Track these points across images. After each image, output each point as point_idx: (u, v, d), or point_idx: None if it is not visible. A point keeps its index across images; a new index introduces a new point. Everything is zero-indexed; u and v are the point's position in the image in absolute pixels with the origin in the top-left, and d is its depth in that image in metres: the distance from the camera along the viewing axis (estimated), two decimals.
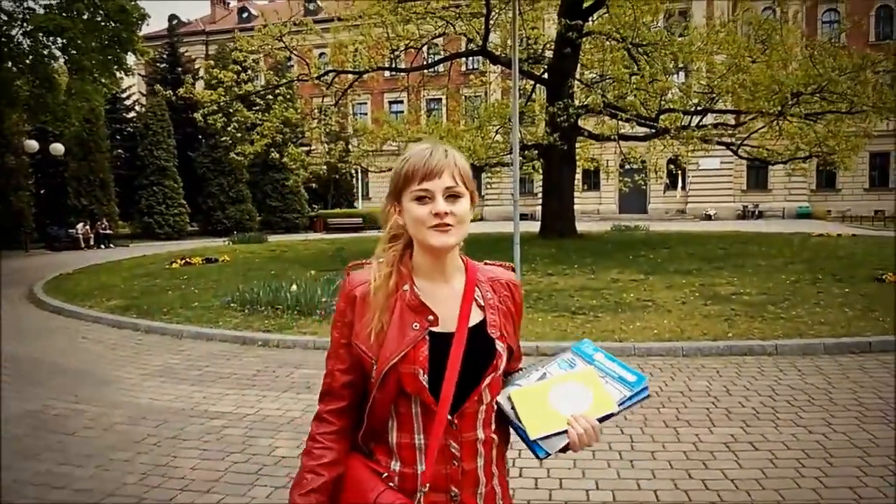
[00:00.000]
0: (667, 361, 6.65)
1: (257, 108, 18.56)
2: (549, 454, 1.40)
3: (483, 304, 1.49)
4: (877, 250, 15.35)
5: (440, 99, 36.23)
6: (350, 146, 23.09)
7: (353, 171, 32.57)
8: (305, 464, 1.45)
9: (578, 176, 23.11)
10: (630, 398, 1.45)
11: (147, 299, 10.96)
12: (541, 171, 19.00)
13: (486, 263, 1.61)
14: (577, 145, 20.14)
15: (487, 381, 1.44)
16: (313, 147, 25.22)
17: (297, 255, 18.12)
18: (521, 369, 1.60)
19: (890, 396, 5.38)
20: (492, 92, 28.33)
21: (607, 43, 17.98)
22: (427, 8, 18.73)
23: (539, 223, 20.43)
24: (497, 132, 20.41)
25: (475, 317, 1.47)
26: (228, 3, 53.80)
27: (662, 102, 17.59)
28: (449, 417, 1.39)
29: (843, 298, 9.15)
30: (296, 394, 5.90)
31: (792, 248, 16.00)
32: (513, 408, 1.45)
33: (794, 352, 6.83)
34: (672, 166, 26.64)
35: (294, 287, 9.59)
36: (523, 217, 9.78)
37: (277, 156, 18.53)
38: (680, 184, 38.20)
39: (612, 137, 18.36)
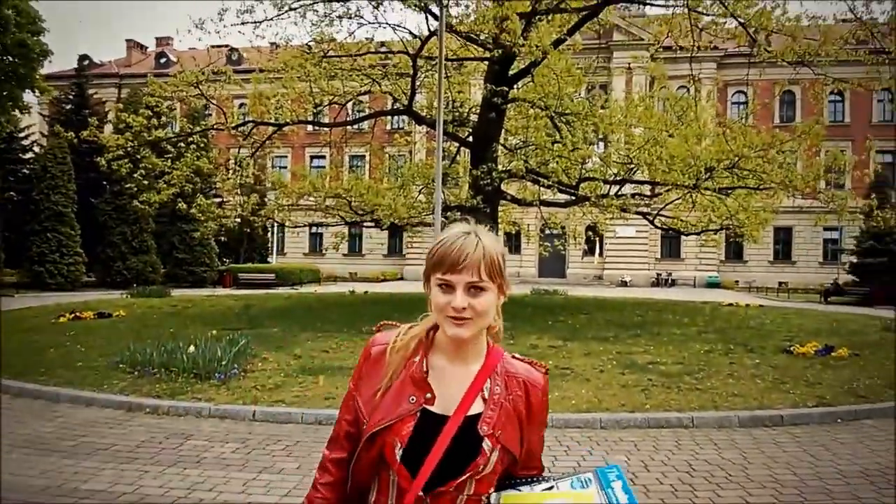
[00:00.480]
0: (585, 434, 6.41)
1: (168, 155, 17.74)
2: None
3: (487, 397, 1.47)
4: (783, 321, 15.98)
5: (363, 156, 36.15)
6: (266, 199, 22.45)
7: (267, 226, 31.66)
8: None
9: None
10: None
11: (23, 358, 9.80)
12: None
13: (514, 357, 1.57)
14: (500, 209, 20.24)
15: (466, 476, 1.41)
16: (226, 199, 24.39)
17: (201, 311, 17.09)
18: (534, 476, 1.54)
19: (804, 472, 5.36)
20: (416, 151, 28.49)
21: (531, 110, 18.32)
22: (353, 65, 18.64)
23: None
24: (420, 192, 20.27)
25: (476, 408, 1.46)
26: (146, 48, 52.50)
27: (583, 171, 17.95)
28: (421, 495, 1.39)
29: (754, 369, 9.27)
30: (182, 469, 5.18)
31: (704, 317, 16.35)
32: None
33: (710, 424, 6.81)
34: (591, 233, 27.24)
35: (192, 348, 8.79)
36: None
37: (185, 206, 17.64)
38: (597, 250, 39.14)
39: (535, 203, 18.51)
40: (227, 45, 33.23)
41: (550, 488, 1.47)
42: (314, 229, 40.99)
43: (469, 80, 22.08)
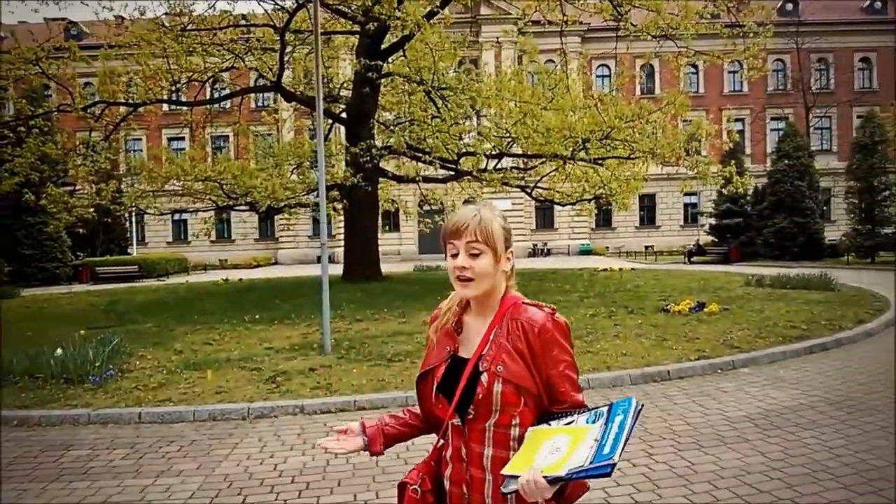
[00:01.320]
0: None
1: (6, 141, 15.80)
2: (505, 493, 1.59)
3: (492, 339, 1.73)
4: (655, 282, 16.97)
5: (227, 136, 34.41)
6: (123, 186, 20.79)
7: (126, 215, 29.35)
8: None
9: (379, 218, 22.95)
10: (585, 470, 1.45)
11: None
12: (341, 212, 18.43)
13: (525, 303, 1.77)
14: (379, 187, 19.95)
15: (480, 392, 1.68)
16: (79, 187, 22.32)
17: (60, 310, 15.61)
18: (566, 411, 1.69)
19: (696, 421, 5.65)
20: (286, 130, 27.41)
21: (407, 85, 18.09)
22: (214, 39, 17.50)
23: (340, 266, 19.77)
24: (293, 172, 19.54)
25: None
26: None
27: (462, 146, 18.01)
28: (458, 424, 1.74)
29: (637, 329, 9.69)
30: (67, 483, 4.63)
31: (584, 283, 17.01)
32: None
33: (605, 384, 7.06)
34: None
35: (59, 350, 7.93)
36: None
37: (33, 197, 15.87)
38: None
39: (416, 179, 18.38)
40: (65, 19, 30.26)
41: (571, 423, 1.62)
42: (177, 216, 38.63)
43: (338, 54, 21.47)
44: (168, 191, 18.89)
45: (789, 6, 42.43)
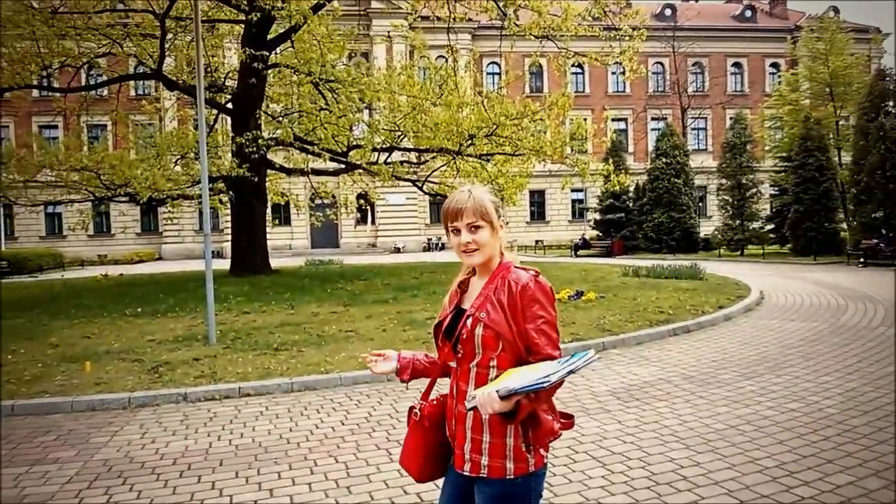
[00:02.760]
0: (373, 387, 6.65)
1: None
2: (467, 408, 1.91)
3: (484, 293, 2.03)
4: (541, 273, 17.65)
5: (105, 125, 32.66)
6: None
7: None
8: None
9: (269, 211, 22.55)
10: (526, 386, 1.74)
11: None
12: (228, 204, 18.03)
13: (517, 267, 2.06)
14: (267, 179, 19.63)
15: (464, 332, 2.00)
16: None
17: None
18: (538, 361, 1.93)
19: (564, 396, 6.07)
20: (168, 119, 26.34)
21: (294, 76, 17.91)
22: (88, 23, 16.62)
23: (229, 261, 19.33)
24: (176, 163, 18.90)
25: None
26: None
27: (352, 138, 18.03)
28: (454, 365, 2.08)
29: None
30: None
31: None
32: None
33: None
34: (362, 201, 27.48)
35: None
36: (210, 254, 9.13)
37: None
38: (370, 218, 39.78)
39: (304, 171, 18.25)
40: None
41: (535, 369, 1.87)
42: (51, 209, 36.29)
43: (223, 43, 20.94)
44: (40, 181, 17.81)
45: (668, 11, 45.14)
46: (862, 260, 21.25)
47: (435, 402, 2.15)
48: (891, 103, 23.12)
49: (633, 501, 3.76)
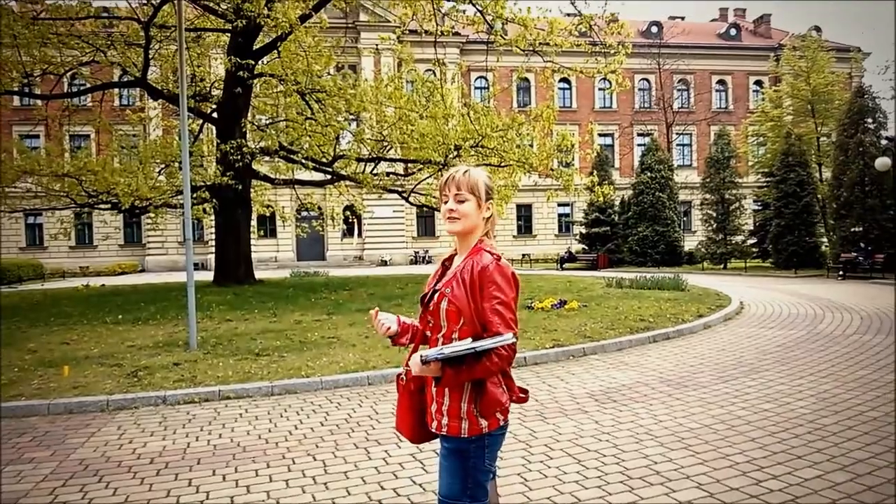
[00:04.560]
0: (354, 391, 6.67)
1: None
2: (405, 370, 2.27)
3: (455, 270, 2.23)
4: (525, 284, 17.60)
5: (88, 135, 32.50)
6: None
7: None
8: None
9: (254, 222, 22.50)
10: (432, 354, 2.04)
11: None
12: (212, 213, 17.98)
13: (487, 251, 2.20)
14: (252, 189, 19.61)
15: (432, 305, 2.24)
16: None
17: None
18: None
19: (544, 398, 6.16)
20: (152, 128, 26.28)
21: (280, 86, 17.97)
22: (71, 30, 16.60)
23: (212, 272, 19.22)
24: (160, 172, 18.85)
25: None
26: None
27: (337, 149, 18.07)
28: (428, 334, 2.30)
29: None
30: None
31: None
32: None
33: None
34: (349, 213, 27.41)
35: None
36: (194, 266, 9.10)
37: None
38: (356, 231, 39.70)
39: (290, 181, 18.25)
40: None
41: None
42: (31, 219, 35.93)
43: (209, 52, 20.98)
44: (20, 188, 17.69)
45: (654, 29, 45.74)
46: (841, 273, 21.55)
47: None
48: (869, 120, 23.54)
49: (606, 494, 3.81)
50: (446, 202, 2.25)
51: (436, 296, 2.22)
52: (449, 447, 2.22)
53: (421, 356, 2.05)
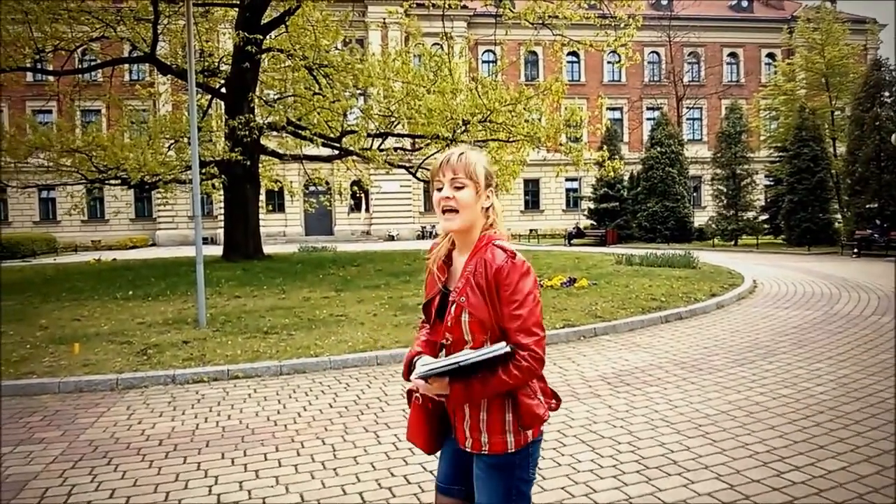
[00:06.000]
0: (363, 371, 6.62)
1: None
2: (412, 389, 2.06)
3: (466, 275, 1.95)
4: (534, 261, 17.13)
5: (99, 110, 32.43)
6: None
7: None
8: (415, 338, 2.16)
9: (262, 197, 22.43)
10: (425, 371, 1.88)
11: None
12: (221, 189, 17.90)
13: (497, 245, 1.94)
14: (261, 165, 19.49)
15: (450, 319, 1.95)
16: None
17: None
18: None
19: (554, 380, 6.00)
20: (162, 104, 26.16)
21: (288, 61, 17.77)
22: (81, 6, 16.45)
23: (221, 247, 19.20)
24: (170, 147, 18.77)
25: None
26: None
27: (345, 124, 17.91)
28: (446, 342, 1.98)
29: None
30: None
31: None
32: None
33: None
34: (356, 188, 27.29)
35: None
36: (203, 241, 9.05)
37: None
38: (364, 206, 39.61)
39: (298, 156, 18.12)
40: None
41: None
42: (45, 194, 36.07)
43: (217, 27, 20.78)
44: (31, 164, 17.67)
45: (664, 1, 44.90)
46: (856, 250, 21.30)
47: None
48: (886, 94, 23.10)
49: (622, 485, 3.73)
50: (440, 189, 1.95)
51: (453, 309, 1.94)
52: (490, 463, 1.98)
53: (420, 374, 1.88)
